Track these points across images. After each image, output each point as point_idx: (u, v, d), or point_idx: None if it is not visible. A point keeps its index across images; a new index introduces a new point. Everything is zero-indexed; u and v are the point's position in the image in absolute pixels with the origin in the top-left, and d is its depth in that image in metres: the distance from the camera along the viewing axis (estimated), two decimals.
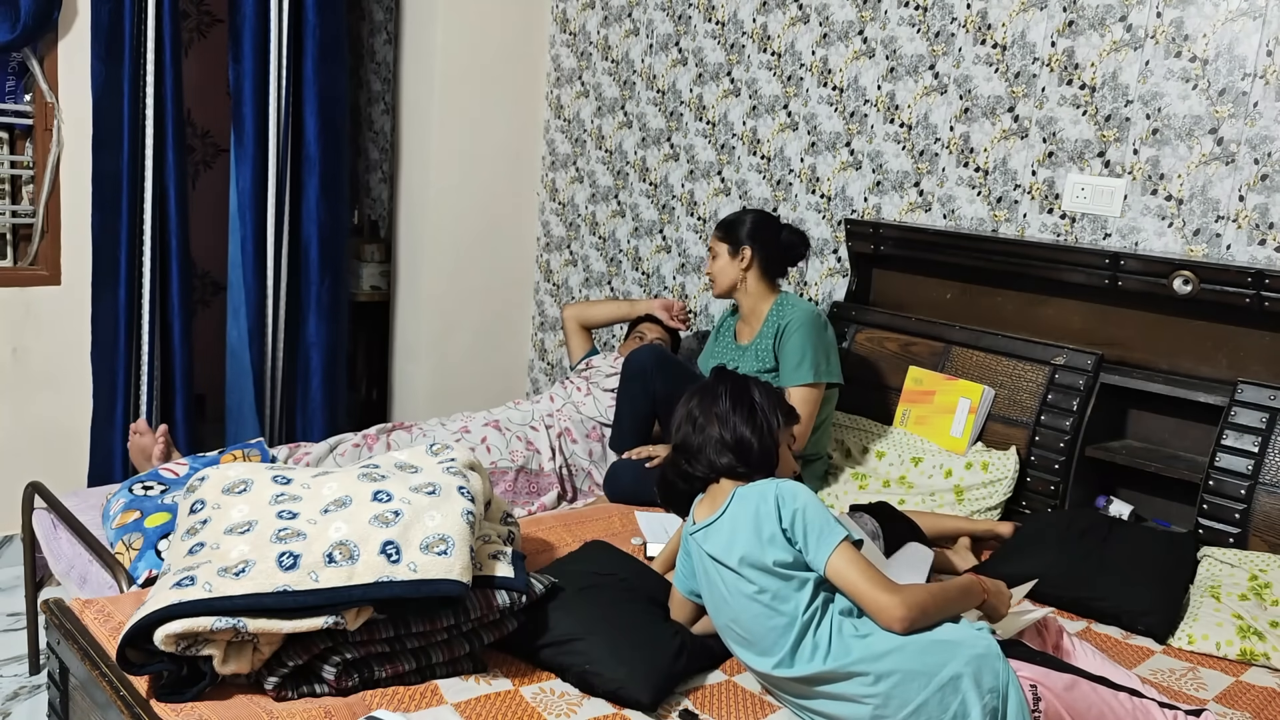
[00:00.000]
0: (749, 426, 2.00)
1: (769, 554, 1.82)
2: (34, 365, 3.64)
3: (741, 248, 3.02)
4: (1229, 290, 2.57)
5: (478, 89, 4.32)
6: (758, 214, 3.10)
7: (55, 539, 2.62)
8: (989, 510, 2.78)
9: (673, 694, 1.88)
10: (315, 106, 3.95)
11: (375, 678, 1.79)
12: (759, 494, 1.89)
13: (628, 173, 4.23)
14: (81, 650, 1.84)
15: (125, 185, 3.62)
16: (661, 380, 3.09)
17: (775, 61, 3.65)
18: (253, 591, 1.72)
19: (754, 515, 1.86)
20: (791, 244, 3.06)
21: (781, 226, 3.08)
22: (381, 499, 1.91)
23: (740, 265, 3.03)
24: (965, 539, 2.68)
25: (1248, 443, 2.50)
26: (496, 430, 3.18)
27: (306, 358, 4.11)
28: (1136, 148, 2.82)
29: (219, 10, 4.89)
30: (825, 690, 1.77)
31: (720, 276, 3.07)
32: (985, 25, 3.10)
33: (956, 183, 3.20)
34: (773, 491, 1.87)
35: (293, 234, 4.01)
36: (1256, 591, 2.31)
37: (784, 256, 3.06)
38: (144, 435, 2.94)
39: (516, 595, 1.91)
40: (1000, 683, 1.70)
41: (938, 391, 3.00)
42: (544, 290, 4.66)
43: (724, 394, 2.04)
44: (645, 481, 2.83)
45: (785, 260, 3.07)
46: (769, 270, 3.04)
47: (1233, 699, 2.03)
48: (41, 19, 3.41)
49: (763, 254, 3.02)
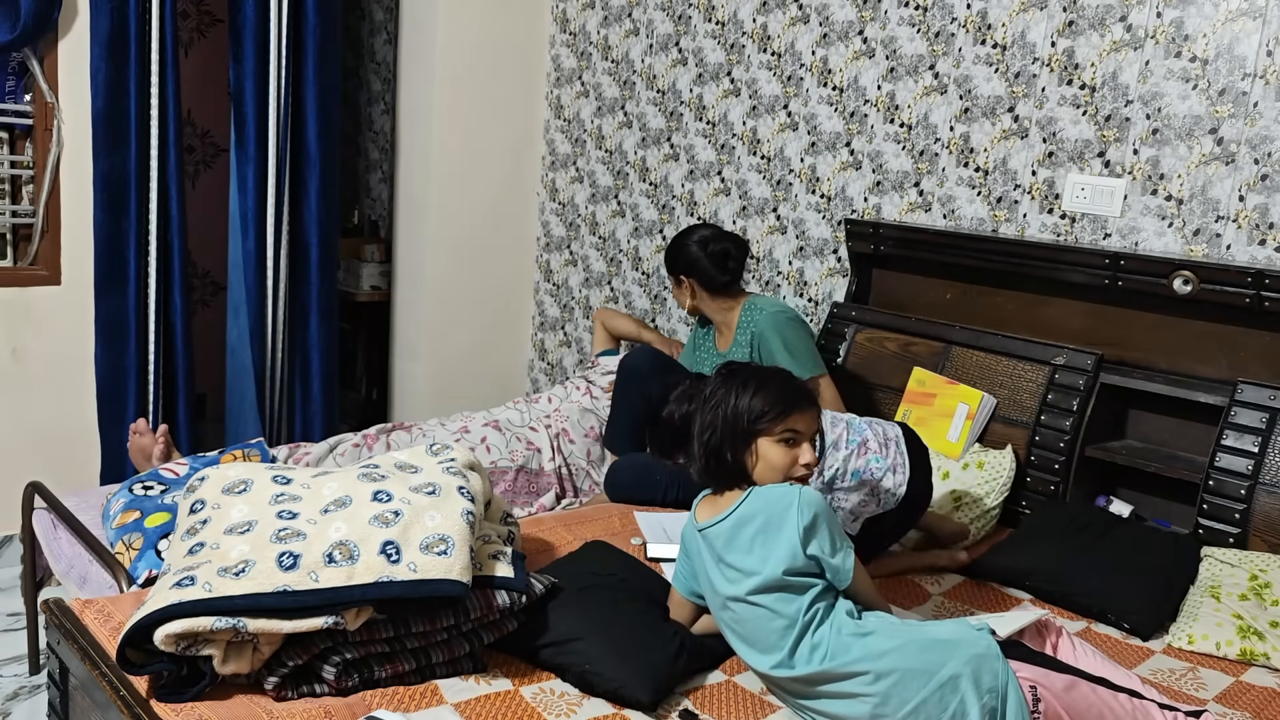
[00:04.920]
0: (716, 437, 1.94)
1: (780, 563, 1.81)
2: (34, 365, 3.64)
3: (680, 277, 3.07)
4: (1229, 290, 2.57)
5: (478, 89, 4.32)
6: (684, 238, 3.09)
7: (55, 539, 2.62)
8: (987, 511, 2.78)
9: (673, 694, 1.88)
10: (315, 106, 3.95)
11: (375, 678, 1.79)
12: (781, 497, 1.86)
13: (628, 173, 4.23)
14: (81, 650, 1.84)
15: (133, 186, 3.62)
16: (658, 382, 3.08)
17: (775, 61, 3.65)
18: (253, 591, 1.72)
19: (768, 517, 1.85)
20: (723, 254, 3.03)
21: (710, 240, 3.05)
22: (381, 499, 1.92)
23: (687, 292, 3.10)
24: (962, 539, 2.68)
25: (1248, 443, 2.50)
26: (496, 430, 3.18)
27: (307, 357, 4.12)
28: (1136, 148, 2.82)
29: (219, 10, 4.90)
30: (825, 689, 1.77)
31: (680, 304, 3.18)
32: (985, 25, 3.10)
33: (956, 183, 3.20)
34: (796, 498, 1.85)
35: (292, 234, 4.01)
36: (1256, 591, 2.31)
37: (722, 269, 3.03)
38: (144, 435, 2.94)
39: (516, 595, 1.91)
40: (999, 683, 1.70)
41: (939, 395, 3.00)
42: (544, 290, 4.66)
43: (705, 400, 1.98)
44: (645, 481, 2.83)
45: (724, 271, 3.04)
46: (713, 287, 3.05)
47: (1233, 699, 2.03)
48: (41, 19, 3.41)
49: (700, 276, 3.05)
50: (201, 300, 5.12)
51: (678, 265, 3.10)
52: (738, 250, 3.06)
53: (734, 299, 3.06)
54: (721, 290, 3.06)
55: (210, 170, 5.09)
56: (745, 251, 3.10)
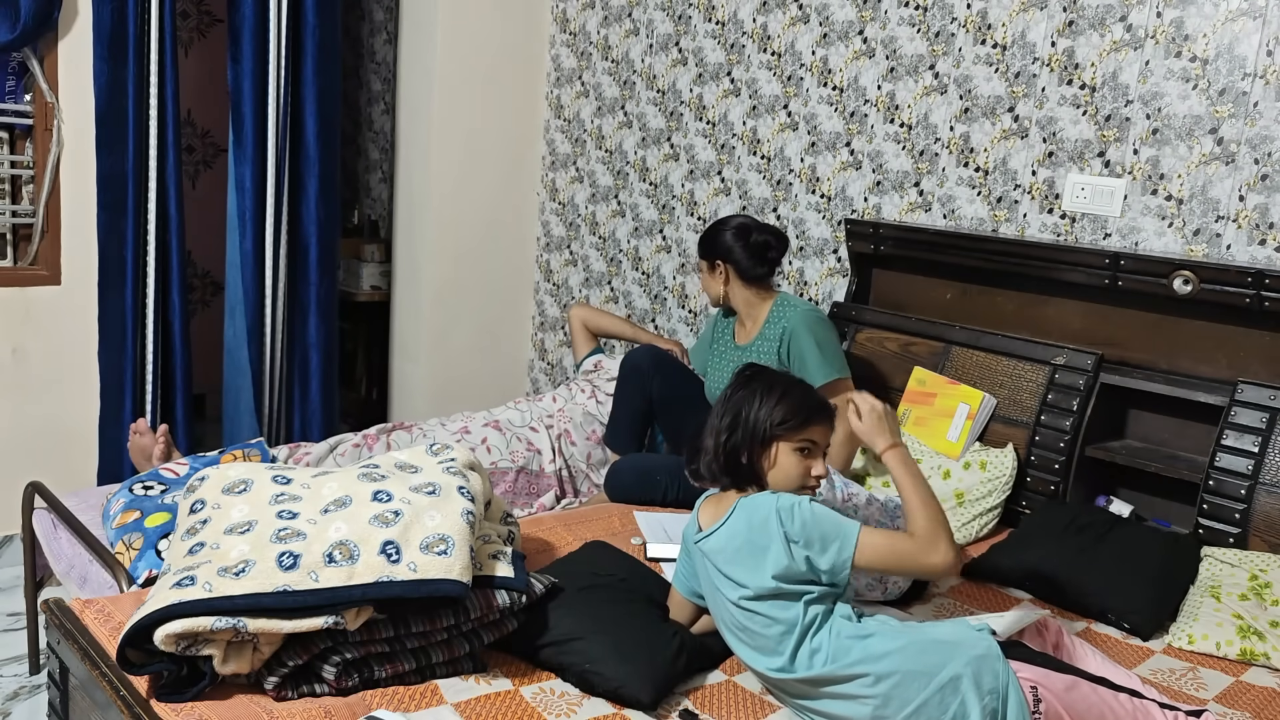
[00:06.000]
0: (736, 437, 1.94)
1: (767, 570, 1.80)
2: (34, 365, 3.64)
3: (716, 263, 3.02)
4: (1229, 290, 2.57)
5: (478, 88, 4.33)
6: (724, 225, 3.04)
7: (55, 539, 2.62)
8: (989, 511, 2.78)
9: (673, 694, 1.88)
10: (315, 106, 3.95)
11: (375, 678, 1.79)
12: (759, 508, 1.86)
13: (628, 173, 4.23)
14: (81, 650, 1.84)
15: (131, 186, 3.63)
16: (659, 380, 3.09)
17: (775, 61, 3.65)
18: (253, 591, 1.72)
19: (750, 529, 1.85)
20: (764, 245, 2.99)
21: (752, 229, 3.01)
22: (381, 499, 1.92)
23: (720, 279, 3.04)
24: None
25: (1248, 443, 2.50)
26: (497, 430, 3.18)
27: (306, 357, 4.12)
28: (1136, 148, 2.82)
29: (219, 10, 4.90)
30: (826, 690, 1.77)
31: (708, 291, 3.10)
32: (985, 25, 3.10)
33: (956, 183, 3.20)
34: (773, 507, 1.85)
35: (291, 234, 4.01)
36: (1256, 591, 2.31)
37: (760, 260, 3.00)
38: (144, 435, 2.94)
39: (516, 595, 1.91)
40: (1000, 684, 1.70)
41: (939, 394, 3.00)
42: (544, 290, 4.66)
43: (727, 399, 2.00)
44: (646, 481, 2.83)
45: (763, 263, 3.00)
46: (749, 277, 3.01)
47: (1233, 699, 2.03)
48: (41, 19, 3.41)
49: (737, 264, 3.00)
50: (201, 300, 5.12)
51: (716, 250, 3.01)
52: (778, 243, 3.01)
53: (766, 292, 3.03)
54: (756, 282, 3.02)
55: (210, 170, 5.09)
56: (785, 245, 3.04)
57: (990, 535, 2.78)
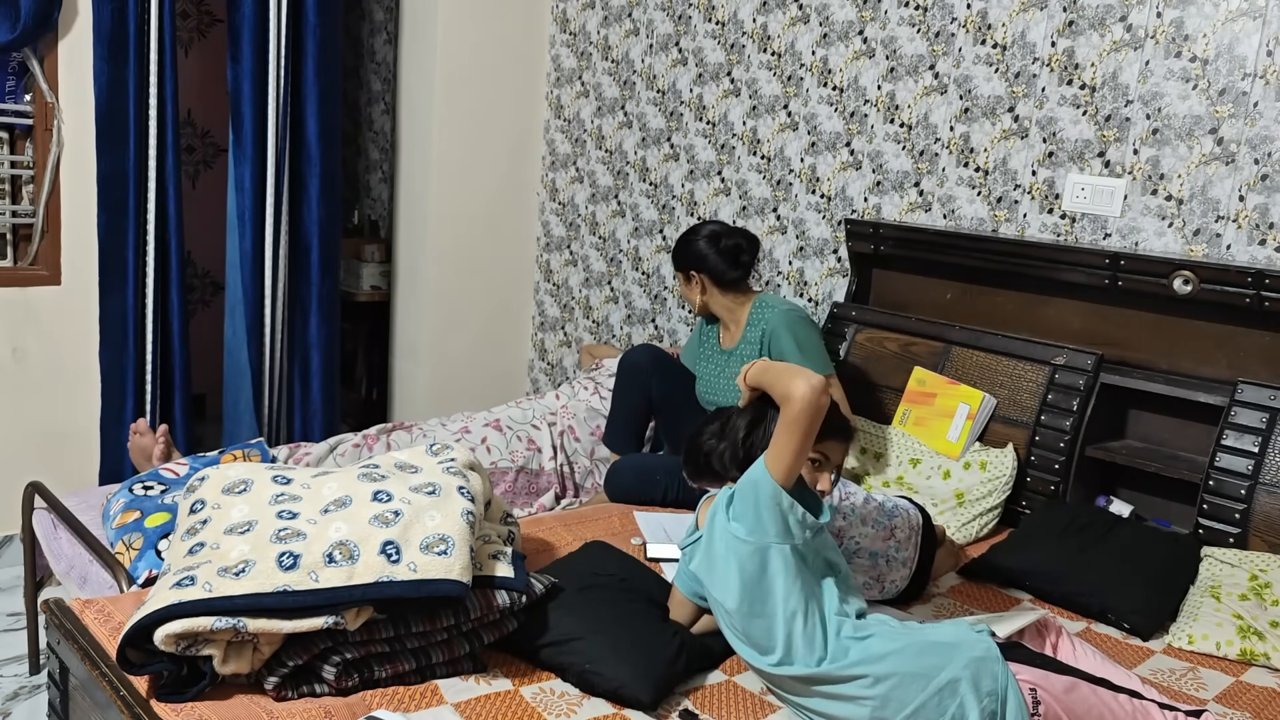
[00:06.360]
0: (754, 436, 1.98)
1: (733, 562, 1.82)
2: (34, 365, 3.64)
3: (691, 273, 3.03)
4: (1229, 290, 2.57)
5: (478, 89, 4.32)
6: (695, 234, 3.04)
7: (55, 539, 2.62)
8: (989, 511, 2.78)
9: (673, 694, 1.88)
10: (315, 107, 3.95)
11: (375, 678, 1.79)
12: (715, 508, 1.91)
13: (628, 173, 4.23)
14: (81, 650, 1.84)
15: (131, 186, 3.63)
16: (658, 379, 3.09)
17: (775, 61, 3.65)
18: (253, 591, 1.72)
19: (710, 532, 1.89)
20: (736, 249, 2.99)
21: (722, 235, 3.00)
22: (381, 499, 1.92)
23: (697, 289, 3.04)
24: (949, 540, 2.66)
25: (1248, 443, 2.50)
26: (497, 430, 3.18)
27: (306, 358, 4.12)
28: (1136, 148, 2.82)
29: (219, 10, 4.90)
30: (824, 691, 1.77)
31: (689, 300, 3.11)
32: (985, 25, 3.10)
33: (956, 183, 3.20)
34: (721, 500, 1.90)
35: (292, 234, 4.01)
36: (1256, 591, 2.31)
37: (734, 264, 2.99)
38: (144, 435, 2.94)
39: (516, 595, 1.91)
40: (999, 686, 1.70)
41: (939, 394, 3.00)
42: (544, 290, 4.66)
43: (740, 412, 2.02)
44: (646, 481, 2.83)
45: (736, 266, 2.99)
46: (724, 282, 3.01)
47: (1233, 699, 2.03)
48: (41, 19, 3.41)
49: (711, 271, 3.00)
50: (201, 300, 5.12)
51: (688, 260, 3.03)
52: (749, 245, 3.01)
53: (744, 296, 3.04)
54: (732, 286, 3.02)
55: (210, 170, 5.09)
56: (756, 247, 3.04)
57: (990, 535, 2.78)
